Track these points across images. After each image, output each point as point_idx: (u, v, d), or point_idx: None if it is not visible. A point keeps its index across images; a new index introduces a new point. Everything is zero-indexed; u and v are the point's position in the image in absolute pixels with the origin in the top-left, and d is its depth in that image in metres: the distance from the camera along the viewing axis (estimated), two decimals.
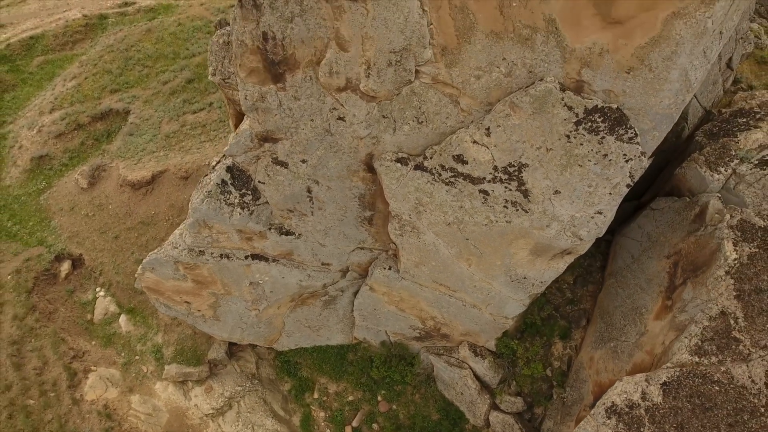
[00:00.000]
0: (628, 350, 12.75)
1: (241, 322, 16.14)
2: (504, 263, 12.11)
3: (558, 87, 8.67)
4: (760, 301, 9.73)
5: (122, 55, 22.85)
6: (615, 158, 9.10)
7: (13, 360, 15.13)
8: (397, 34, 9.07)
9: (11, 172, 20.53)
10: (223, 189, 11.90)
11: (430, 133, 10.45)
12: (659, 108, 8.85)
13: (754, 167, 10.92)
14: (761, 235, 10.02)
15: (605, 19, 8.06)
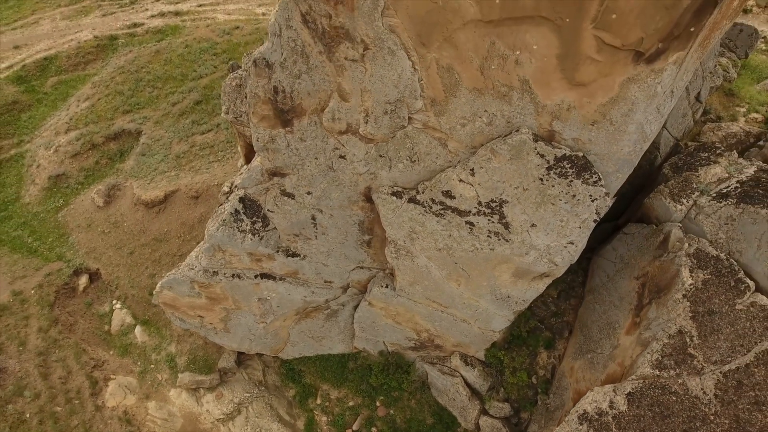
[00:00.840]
0: (603, 362, 14.04)
1: (249, 333, 17.41)
2: (489, 284, 13.40)
3: (531, 138, 9.94)
4: (712, 321, 11.02)
5: (133, 76, 24.07)
6: (582, 198, 10.38)
7: (40, 370, 16.40)
8: (391, 88, 10.33)
9: (30, 190, 21.75)
10: (236, 218, 13.16)
11: (421, 171, 11.72)
12: (620, 154, 10.12)
13: (712, 200, 12.20)
14: (714, 263, 11.30)
15: (571, 81, 9.32)
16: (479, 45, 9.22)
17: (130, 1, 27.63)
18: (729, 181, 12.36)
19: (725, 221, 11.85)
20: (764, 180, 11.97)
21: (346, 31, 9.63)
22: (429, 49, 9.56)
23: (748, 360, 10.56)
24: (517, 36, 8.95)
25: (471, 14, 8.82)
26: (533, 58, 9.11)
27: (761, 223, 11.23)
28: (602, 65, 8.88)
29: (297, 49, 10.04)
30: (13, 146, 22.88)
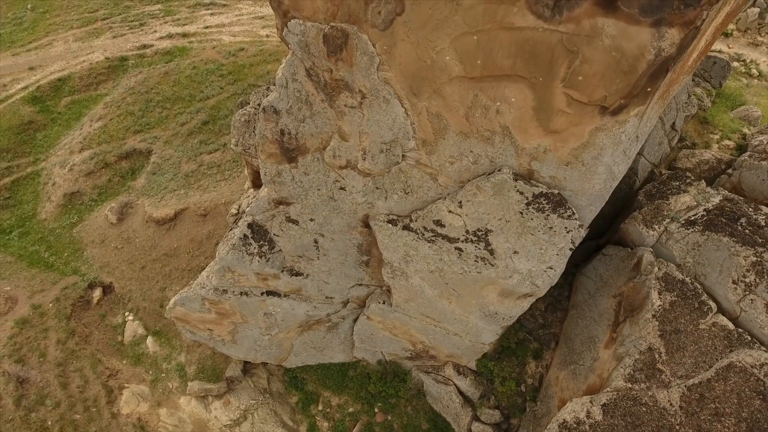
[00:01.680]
0: (584, 373, 15.17)
1: (255, 345, 18.55)
2: (478, 302, 14.54)
3: (512, 177, 11.07)
4: (678, 339, 12.14)
5: (143, 97, 25.23)
6: (558, 230, 11.52)
7: (59, 380, 17.54)
8: (387, 130, 11.48)
9: (46, 206, 22.91)
10: (245, 242, 14.31)
11: (414, 201, 12.86)
12: (592, 191, 11.25)
13: (681, 226, 13.32)
14: (680, 286, 12.42)
15: (546, 129, 10.46)
16: (464, 97, 10.37)
17: (139, 23, 28.78)
18: (697, 209, 13.50)
19: (692, 247, 12.99)
20: (728, 209, 13.10)
21: (346, 82, 10.77)
22: (420, 99, 10.71)
23: (710, 375, 11.69)
24: (498, 90, 10.09)
25: (456, 72, 9.97)
26: (512, 109, 10.25)
27: (723, 250, 12.36)
28: (572, 116, 10.02)
29: (302, 98, 11.19)
30: (30, 164, 24.04)
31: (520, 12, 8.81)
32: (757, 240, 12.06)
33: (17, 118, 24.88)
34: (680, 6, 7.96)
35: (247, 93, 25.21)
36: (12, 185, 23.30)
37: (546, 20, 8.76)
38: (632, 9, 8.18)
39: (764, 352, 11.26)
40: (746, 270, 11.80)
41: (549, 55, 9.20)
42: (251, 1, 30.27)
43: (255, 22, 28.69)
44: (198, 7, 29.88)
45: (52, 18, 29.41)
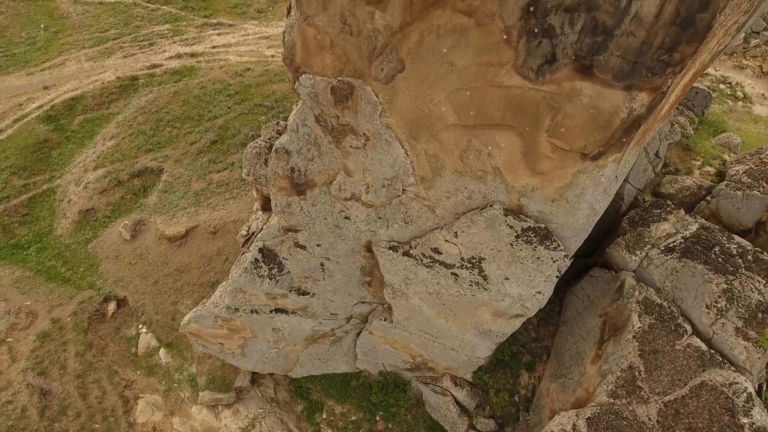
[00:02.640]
0: (572, 386, 16.24)
1: (263, 357, 19.62)
2: (473, 321, 15.60)
3: (502, 213, 12.14)
4: (656, 359, 13.21)
5: (154, 116, 26.28)
6: (545, 260, 12.58)
7: (79, 391, 18.59)
8: (388, 168, 12.54)
9: (62, 223, 23.97)
10: (256, 265, 15.37)
11: (414, 230, 13.92)
12: (576, 224, 12.31)
13: (660, 252, 14.39)
14: (658, 309, 13.49)
15: (533, 171, 11.51)
16: (459, 141, 11.43)
17: (148, 42, 29.80)
18: (675, 237, 14.56)
19: (671, 272, 14.06)
20: (704, 237, 14.16)
21: (351, 127, 11.84)
22: (418, 142, 11.77)
23: (684, 392, 12.76)
24: (489, 136, 11.16)
25: (451, 120, 11.03)
26: (502, 153, 11.32)
27: (698, 277, 13.43)
28: (557, 161, 11.08)
29: (310, 140, 12.25)
30: (45, 181, 25.08)
31: (508, 73, 9.87)
32: (728, 268, 13.12)
33: (33, 136, 25.93)
34: (648, 74, 9.03)
35: (253, 113, 26.29)
36: (29, 202, 24.34)
37: (531, 81, 9.82)
38: (606, 75, 9.24)
39: (733, 372, 12.32)
40: (718, 296, 12.87)
41: (534, 109, 10.27)
42: (256, 21, 31.30)
43: (260, 42, 29.73)
44: (205, 26, 30.91)
45: (64, 38, 30.44)
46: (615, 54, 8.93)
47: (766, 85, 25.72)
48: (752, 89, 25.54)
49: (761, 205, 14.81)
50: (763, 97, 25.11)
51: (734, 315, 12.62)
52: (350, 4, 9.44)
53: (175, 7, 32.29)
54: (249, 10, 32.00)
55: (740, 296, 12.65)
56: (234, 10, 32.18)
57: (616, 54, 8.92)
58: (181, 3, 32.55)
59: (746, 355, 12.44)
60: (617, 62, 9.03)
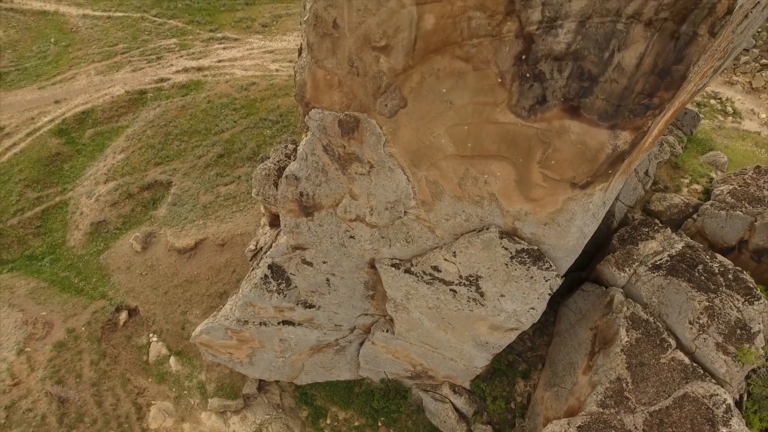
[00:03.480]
0: (565, 395, 17.08)
1: (270, 365, 20.45)
2: (471, 334, 16.43)
3: (498, 235, 12.98)
4: (642, 371, 14.05)
5: (162, 130, 27.11)
6: (538, 279, 13.43)
7: (95, 398, 19.41)
8: (391, 193, 13.37)
9: (74, 234, 24.79)
10: (265, 281, 16.21)
11: (415, 249, 14.75)
12: (567, 246, 13.15)
13: (648, 270, 15.23)
14: (644, 325, 14.33)
15: (526, 197, 12.35)
16: (457, 169, 12.27)
17: (156, 56, 30.62)
18: (662, 255, 15.40)
19: (657, 289, 14.90)
20: (688, 255, 15.01)
21: (357, 155, 12.67)
22: (419, 169, 12.61)
23: (668, 403, 13.60)
24: (485, 166, 12.00)
25: (450, 151, 11.87)
26: (498, 181, 12.16)
27: (682, 294, 14.27)
28: (548, 189, 11.92)
29: (318, 168, 13.09)
30: (58, 194, 25.91)
31: (502, 111, 10.72)
32: (710, 286, 13.97)
33: (45, 150, 26.75)
34: (630, 116, 9.88)
35: (259, 127, 27.13)
36: (42, 214, 25.17)
37: (524, 119, 10.67)
38: (592, 115, 10.09)
39: (714, 385, 13.16)
40: (700, 313, 13.71)
41: (527, 143, 11.12)
42: (261, 35, 32.13)
43: (265, 56, 30.55)
44: (211, 41, 31.73)
45: (74, 52, 31.25)
46: (600, 98, 9.77)
47: (755, 101, 26.57)
48: (742, 105, 26.38)
49: (743, 224, 15.65)
50: (752, 113, 25.95)
51: (715, 331, 13.46)
52: (357, 50, 10.28)
53: (181, 21, 33.12)
54: (254, 24, 32.83)
55: (720, 313, 13.48)
56: (239, 25, 33.03)
57: (601, 98, 9.76)
58: (188, 17, 33.40)
59: (726, 368, 13.28)
60: (602, 105, 9.87)
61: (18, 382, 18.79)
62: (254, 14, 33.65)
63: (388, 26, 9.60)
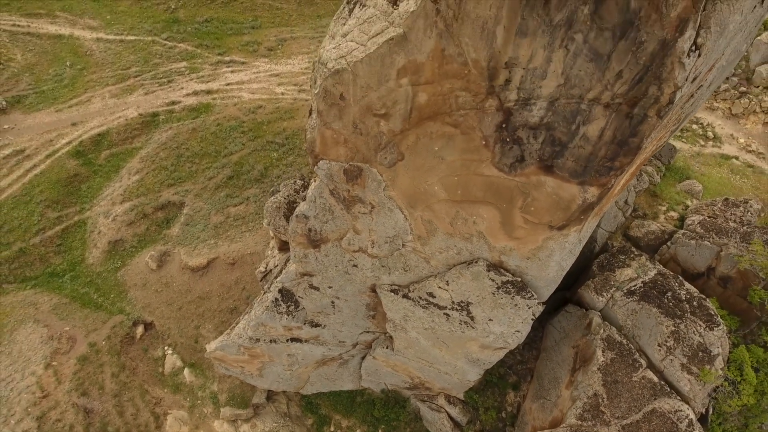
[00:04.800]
0: (550, 407, 18.65)
1: (278, 377, 22.03)
2: (463, 351, 18.01)
3: (485, 268, 14.54)
4: (617, 388, 15.61)
5: (174, 152, 28.66)
6: (522, 306, 14.99)
7: (117, 409, 20.99)
8: (390, 229, 14.94)
9: (93, 252, 26.36)
10: (276, 304, 17.79)
11: (412, 277, 16.32)
12: (548, 277, 14.72)
13: (623, 295, 16.79)
14: (618, 346, 15.89)
15: (510, 236, 13.91)
16: (449, 211, 13.83)
17: (167, 80, 32.14)
18: (636, 281, 16.97)
19: (631, 313, 16.47)
20: (659, 283, 16.57)
21: (359, 198, 14.24)
22: (415, 210, 14.17)
23: (639, 417, 15.17)
24: (473, 209, 13.56)
25: (442, 197, 13.44)
26: (484, 221, 13.72)
27: (652, 318, 15.84)
28: (529, 230, 13.49)
29: (326, 208, 14.66)
30: (77, 213, 27.46)
31: (487, 167, 12.29)
32: (677, 312, 15.53)
33: (64, 171, 28.30)
34: (596, 175, 11.44)
35: (266, 149, 28.68)
36: (62, 233, 26.72)
37: (505, 173, 12.23)
38: (564, 173, 11.65)
39: (678, 401, 14.73)
40: (667, 336, 15.28)
41: (509, 193, 12.68)
42: (267, 59, 33.65)
43: (271, 79, 32.07)
44: (219, 64, 33.26)
45: (89, 75, 32.78)
46: (570, 159, 11.33)
47: (735, 126, 28.06)
48: (722, 130, 27.88)
49: (711, 253, 17.18)
50: (732, 137, 27.46)
51: (680, 353, 15.02)
52: (361, 116, 11.85)
53: (191, 45, 34.65)
54: (260, 48, 34.37)
55: (685, 337, 15.03)
56: (245, 48, 34.55)
57: (571, 160, 11.33)
58: (197, 41, 34.93)
59: (690, 386, 14.84)
60: (572, 165, 11.44)
61: (47, 394, 20.37)
62: (260, 38, 35.20)
63: (387, 100, 11.16)
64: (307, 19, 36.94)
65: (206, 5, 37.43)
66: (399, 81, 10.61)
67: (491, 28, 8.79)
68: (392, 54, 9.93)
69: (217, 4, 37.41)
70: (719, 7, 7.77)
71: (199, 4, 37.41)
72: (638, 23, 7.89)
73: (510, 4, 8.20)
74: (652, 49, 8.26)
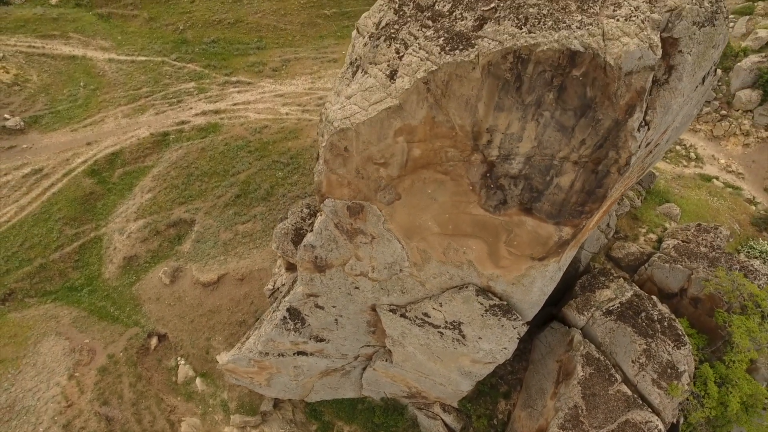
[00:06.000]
0: (536, 416, 20.22)
1: (285, 387, 23.60)
2: (456, 365, 19.58)
3: (475, 293, 16.11)
4: (595, 401, 17.18)
5: (185, 171, 30.22)
6: (508, 327, 16.56)
7: (135, 417, 22.56)
8: (388, 256, 16.50)
9: (109, 267, 27.92)
10: (284, 321, 19.36)
11: (409, 298, 17.89)
12: (531, 300, 16.29)
13: (602, 314, 18.36)
14: (596, 362, 17.45)
15: (496, 265, 15.47)
16: (441, 243, 15.40)
17: (177, 100, 33.69)
18: (614, 302, 18.53)
19: (609, 331, 18.03)
20: (635, 303, 18.14)
21: (361, 230, 15.80)
22: (411, 241, 15.73)
23: (614, 427, 16.73)
24: (463, 241, 15.13)
25: (435, 230, 15.00)
26: (473, 252, 15.29)
27: (627, 337, 17.40)
28: (513, 260, 15.06)
29: (330, 238, 16.22)
30: (93, 230, 29.02)
31: (474, 207, 13.85)
32: (649, 332, 17.10)
33: (80, 189, 29.85)
34: (569, 217, 13.01)
35: (272, 168, 30.22)
36: (80, 249, 28.28)
37: (491, 213, 13.80)
38: (541, 215, 13.22)
39: (649, 413, 16.30)
40: (640, 354, 16.84)
41: (494, 229, 14.25)
42: (272, 79, 35.18)
43: (276, 99, 33.61)
44: (227, 84, 34.79)
45: (102, 95, 34.33)
46: (546, 204, 12.90)
47: (716, 147, 29.58)
48: (704, 151, 29.39)
49: (683, 276, 18.72)
50: (713, 158, 29.00)
51: (651, 369, 16.58)
52: (362, 164, 13.41)
53: (199, 65, 36.20)
54: (265, 68, 35.91)
55: (656, 355, 16.58)
56: (251, 69, 36.09)
57: (547, 204, 12.89)
58: (204, 61, 36.47)
59: (660, 400, 16.40)
60: (548, 208, 13.00)
61: (71, 403, 21.94)
62: (265, 58, 36.74)
63: (386, 152, 12.73)
64: (310, 39, 38.48)
65: (213, 26, 38.97)
66: (396, 139, 12.17)
67: (473, 103, 10.35)
68: (390, 119, 11.49)
69: (224, 25, 38.96)
70: (662, 93, 9.32)
71: (206, 25, 38.95)
72: (594, 106, 9.45)
73: (488, 87, 9.76)
74: (608, 125, 9.83)
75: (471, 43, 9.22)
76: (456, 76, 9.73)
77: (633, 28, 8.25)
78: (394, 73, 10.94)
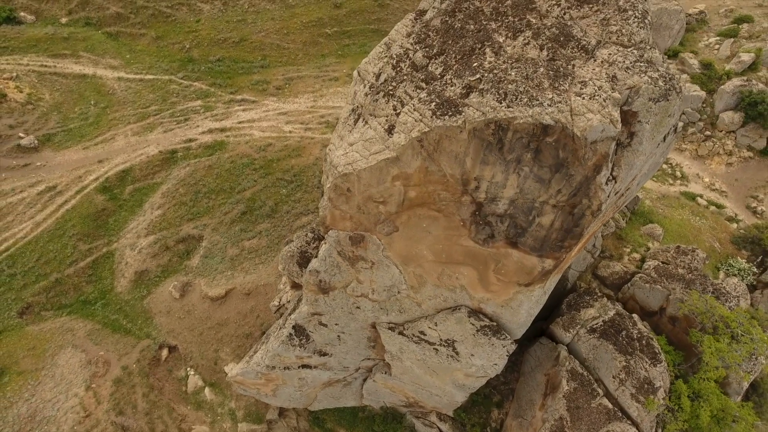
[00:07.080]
0: (526, 426, 21.57)
1: (290, 397, 24.96)
2: (451, 378, 20.94)
3: (467, 315, 17.48)
4: (579, 413, 18.53)
5: (192, 188, 31.57)
6: (497, 345, 17.93)
7: (149, 426, 23.91)
8: (387, 280, 17.86)
9: (121, 282, 29.27)
10: (290, 338, 20.72)
11: (406, 317, 19.25)
12: (519, 321, 17.65)
13: (586, 332, 19.71)
14: (580, 377, 18.80)
15: (486, 289, 16.84)
16: (436, 269, 16.76)
17: (184, 118, 35.02)
18: (598, 320, 19.88)
19: (592, 348, 19.38)
20: (617, 322, 19.50)
21: (362, 256, 17.17)
22: (408, 267, 17.10)
23: None
24: (456, 268, 16.49)
25: (431, 259, 16.37)
26: (465, 278, 16.65)
27: (608, 354, 18.76)
28: (501, 286, 16.42)
29: (334, 264, 17.58)
30: (105, 245, 30.36)
31: (465, 239, 15.21)
32: (629, 349, 18.46)
33: (93, 206, 31.19)
34: (551, 251, 14.37)
35: (276, 186, 31.57)
36: (93, 264, 29.62)
37: (480, 245, 15.16)
38: (526, 248, 14.59)
39: (628, 425, 17.66)
40: (620, 370, 18.21)
41: (484, 259, 15.61)
42: (275, 98, 36.53)
43: (279, 117, 34.96)
44: (232, 103, 36.13)
45: (112, 113, 35.67)
46: (530, 239, 14.26)
47: (701, 166, 30.93)
48: (689, 169, 30.73)
49: (662, 296, 20.06)
50: (698, 176, 30.36)
51: (630, 385, 17.93)
52: (363, 202, 14.77)
53: (205, 84, 37.55)
54: (269, 87, 37.25)
55: (634, 371, 17.94)
56: (255, 87, 37.44)
57: (530, 239, 14.25)
58: (210, 80, 37.81)
59: (638, 413, 17.76)
60: (531, 243, 14.37)
61: (89, 413, 23.28)
62: (269, 77, 38.08)
63: (384, 193, 14.09)
64: (312, 58, 39.85)
65: (218, 45, 40.33)
66: (393, 183, 13.53)
67: (462, 157, 11.71)
68: (388, 167, 12.86)
69: (229, 44, 40.32)
70: (626, 154, 10.69)
71: (211, 44, 40.31)
72: (567, 165, 10.81)
73: (474, 146, 11.13)
74: (579, 179, 11.19)
75: (458, 110, 10.57)
76: (446, 136, 11.09)
77: (596, 106, 9.59)
78: (392, 128, 12.30)
